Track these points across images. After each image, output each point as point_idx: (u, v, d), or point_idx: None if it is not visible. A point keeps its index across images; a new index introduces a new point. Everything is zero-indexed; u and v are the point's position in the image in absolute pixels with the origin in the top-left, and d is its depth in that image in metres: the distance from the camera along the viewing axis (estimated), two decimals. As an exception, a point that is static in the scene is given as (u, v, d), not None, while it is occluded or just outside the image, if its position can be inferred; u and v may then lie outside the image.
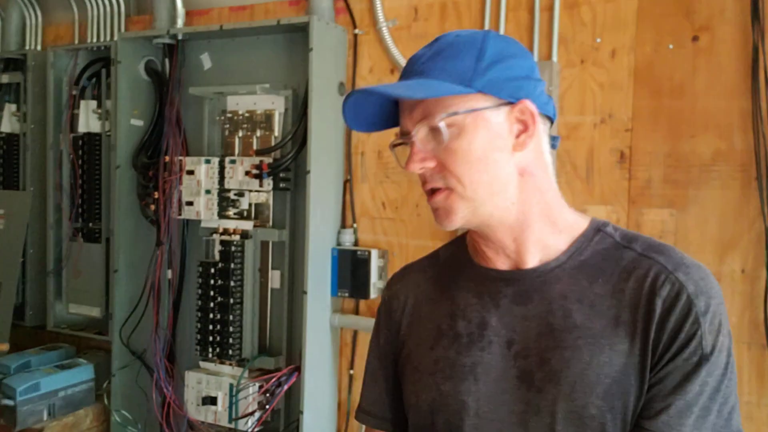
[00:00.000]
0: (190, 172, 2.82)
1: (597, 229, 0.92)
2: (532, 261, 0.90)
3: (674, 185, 2.13)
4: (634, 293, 0.82)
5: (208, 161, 2.81)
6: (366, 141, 2.74)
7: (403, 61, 2.58)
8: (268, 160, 2.68)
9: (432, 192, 0.87)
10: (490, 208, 0.87)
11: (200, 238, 2.90)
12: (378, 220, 2.70)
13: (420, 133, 0.84)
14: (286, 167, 2.67)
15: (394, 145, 0.91)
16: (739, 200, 2.05)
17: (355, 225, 2.74)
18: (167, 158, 2.85)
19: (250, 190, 2.77)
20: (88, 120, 3.10)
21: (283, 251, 2.78)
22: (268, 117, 2.80)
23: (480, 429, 0.86)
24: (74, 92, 3.11)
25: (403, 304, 1.01)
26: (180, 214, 2.85)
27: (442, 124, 0.83)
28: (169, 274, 3.01)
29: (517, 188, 0.88)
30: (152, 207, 2.88)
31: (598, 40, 2.24)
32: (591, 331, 0.81)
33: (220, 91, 2.86)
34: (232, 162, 2.76)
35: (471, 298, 0.92)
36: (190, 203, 2.82)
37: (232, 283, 2.74)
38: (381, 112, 0.91)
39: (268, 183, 2.67)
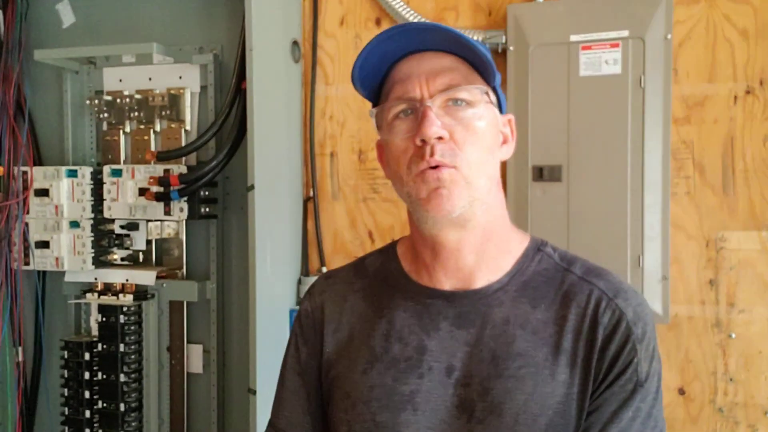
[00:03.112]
0: (42, 193, 1.70)
1: (537, 248, 0.87)
2: (480, 281, 0.84)
3: None
4: (577, 320, 0.81)
5: (72, 173, 1.70)
6: (338, 136, 1.73)
7: (402, 8, 1.60)
8: (178, 168, 1.61)
9: (435, 168, 0.78)
10: (480, 206, 0.81)
11: (65, 300, 1.79)
12: (362, 260, 1.70)
13: (437, 102, 0.79)
14: (211, 180, 1.60)
15: (397, 115, 0.82)
16: None
17: (324, 269, 1.73)
18: (1, 170, 1.71)
19: (149, 220, 1.69)
20: None
21: (208, 315, 1.73)
22: (174, 100, 1.75)
23: None
24: None
25: (328, 318, 0.92)
26: (27, 263, 1.71)
27: (468, 97, 0.80)
28: (19, 355, 1.87)
29: (494, 195, 0.84)
30: (-22, 252, 1.73)
31: (738, -42, 1.37)
32: (533, 359, 0.79)
33: (89, 58, 1.76)
34: (116, 174, 1.66)
35: (409, 318, 0.86)
36: (43, 244, 1.69)
37: (123, 377, 1.64)
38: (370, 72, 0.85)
39: (181, 208, 1.60)
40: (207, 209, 1.64)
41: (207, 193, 1.64)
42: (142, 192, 1.62)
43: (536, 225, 1.44)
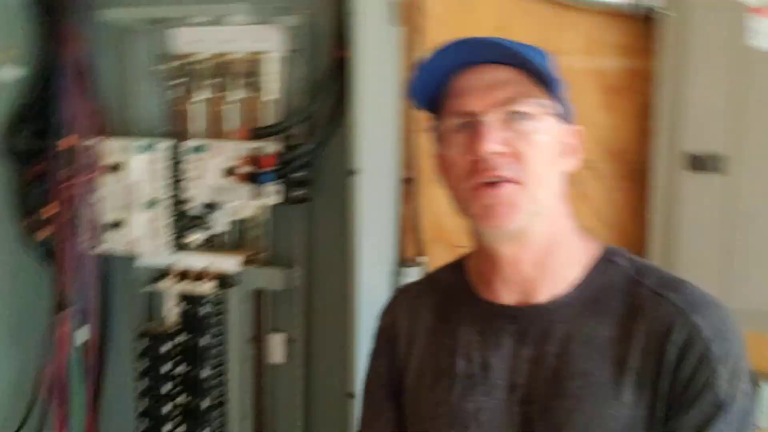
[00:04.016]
0: (115, 168, 1.54)
1: (608, 259, 0.84)
2: (543, 295, 0.83)
3: None
4: (645, 337, 0.77)
5: (148, 147, 1.53)
6: (440, 109, 1.54)
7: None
8: (270, 147, 1.44)
9: (492, 184, 0.77)
10: (542, 219, 0.81)
11: (134, 288, 1.65)
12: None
13: (495, 116, 0.77)
14: (307, 162, 1.44)
15: (454, 129, 0.81)
16: None
17: (422, 259, 1.57)
18: (72, 140, 1.55)
19: (227, 202, 1.54)
20: None
21: (292, 304, 1.59)
22: (257, 66, 1.56)
23: None
24: None
25: (401, 333, 0.94)
26: (97, 246, 1.57)
27: (528, 110, 0.78)
28: (79, 337, 1.73)
29: (556, 208, 0.83)
30: (43, 231, 1.58)
31: None
32: (596, 378, 0.77)
33: (157, 18, 1.57)
34: (198, 150, 1.50)
35: (473, 334, 0.86)
36: (116, 225, 1.55)
37: (206, 372, 1.51)
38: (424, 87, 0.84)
39: (275, 191, 1.44)
40: (300, 192, 1.47)
41: (300, 174, 1.47)
42: (230, 171, 1.46)
43: (688, 226, 1.26)
